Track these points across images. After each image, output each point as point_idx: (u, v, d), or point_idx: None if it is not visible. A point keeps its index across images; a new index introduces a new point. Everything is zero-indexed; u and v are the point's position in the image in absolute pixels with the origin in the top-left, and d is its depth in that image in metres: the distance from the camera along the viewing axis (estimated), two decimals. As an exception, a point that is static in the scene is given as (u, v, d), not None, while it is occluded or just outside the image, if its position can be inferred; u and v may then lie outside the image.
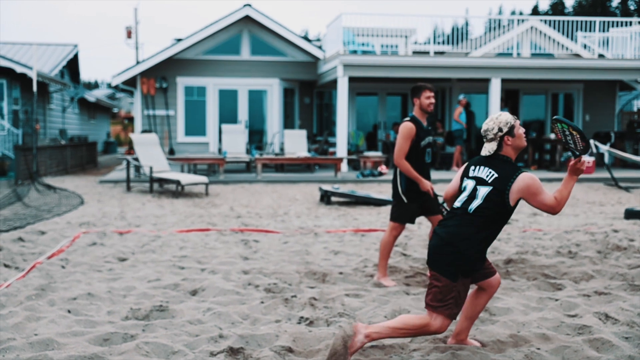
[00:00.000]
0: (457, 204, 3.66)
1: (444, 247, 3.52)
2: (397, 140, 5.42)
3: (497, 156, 3.62)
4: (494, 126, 3.59)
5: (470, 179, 3.67)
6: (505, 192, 3.48)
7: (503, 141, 3.59)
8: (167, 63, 17.89)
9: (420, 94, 5.45)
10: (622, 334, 4.08)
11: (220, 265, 5.98)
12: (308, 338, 3.96)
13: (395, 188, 5.60)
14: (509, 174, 3.51)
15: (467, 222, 3.53)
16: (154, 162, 11.86)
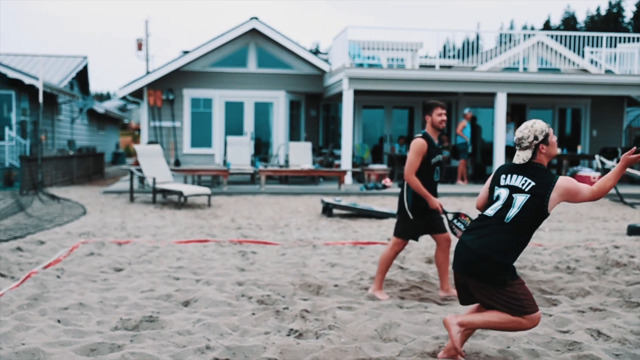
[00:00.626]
0: (489, 213, 3.62)
1: (481, 264, 3.51)
2: (409, 155, 5.43)
3: (530, 164, 3.61)
4: (529, 134, 3.58)
5: (503, 187, 3.64)
6: (545, 200, 3.48)
7: (538, 149, 3.59)
8: (174, 75, 18.01)
9: (432, 111, 5.47)
10: (612, 351, 4.04)
11: (215, 277, 5.98)
12: (295, 350, 3.94)
13: (401, 203, 5.59)
14: (547, 181, 3.52)
15: (501, 231, 3.52)
16: (157, 173, 11.91)
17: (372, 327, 4.45)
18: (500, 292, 3.51)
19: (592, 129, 20.17)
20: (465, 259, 3.55)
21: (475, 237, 3.56)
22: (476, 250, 3.50)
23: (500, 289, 3.50)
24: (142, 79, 17.77)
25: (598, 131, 20.13)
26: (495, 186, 3.69)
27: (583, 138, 20.15)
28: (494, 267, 3.49)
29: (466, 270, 3.56)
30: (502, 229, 3.51)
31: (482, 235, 3.54)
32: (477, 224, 3.65)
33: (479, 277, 3.52)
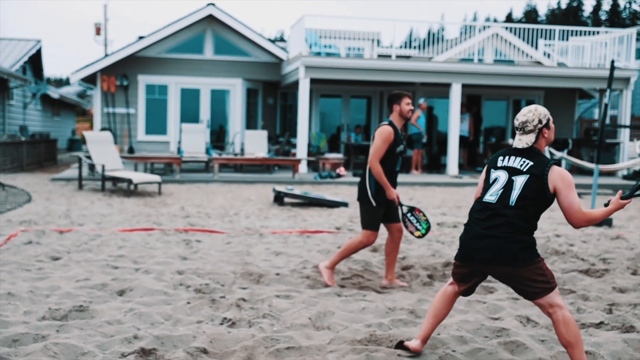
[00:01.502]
0: (491, 198, 3.53)
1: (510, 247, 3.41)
2: (375, 142, 5.36)
3: (530, 148, 3.54)
4: (534, 117, 3.50)
5: (501, 169, 3.56)
6: (545, 178, 3.40)
7: (541, 133, 3.53)
8: (128, 60, 17.69)
9: (401, 100, 5.45)
10: (538, 337, 4.13)
11: (155, 265, 5.91)
12: (226, 339, 3.92)
13: (363, 191, 5.51)
14: (544, 162, 3.45)
15: (513, 216, 3.42)
16: (107, 161, 11.71)
17: (307, 316, 4.46)
18: (530, 270, 3.43)
19: (545, 121, 20.52)
20: (491, 248, 3.43)
21: (491, 225, 3.46)
22: (502, 236, 3.41)
23: (531, 267, 3.42)
24: (95, 63, 17.41)
25: (551, 122, 20.48)
26: (492, 169, 3.61)
27: (536, 129, 20.48)
28: (522, 247, 3.42)
29: (495, 258, 3.44)
30: (513, 213, 3.42)
31: (498, 225, 3.44)
32: (483, 214, 3.52)
33: (510, 261, 3.41)
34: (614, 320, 4.50)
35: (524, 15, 65.85)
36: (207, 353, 3.71)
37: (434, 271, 6.19)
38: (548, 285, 3.46)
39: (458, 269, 3.68)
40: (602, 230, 8.83)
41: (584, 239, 8.01)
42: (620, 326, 4.37)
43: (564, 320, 3.43)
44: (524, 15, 65.73)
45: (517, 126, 3.54)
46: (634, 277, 6.00)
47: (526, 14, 66.06)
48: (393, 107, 5.48)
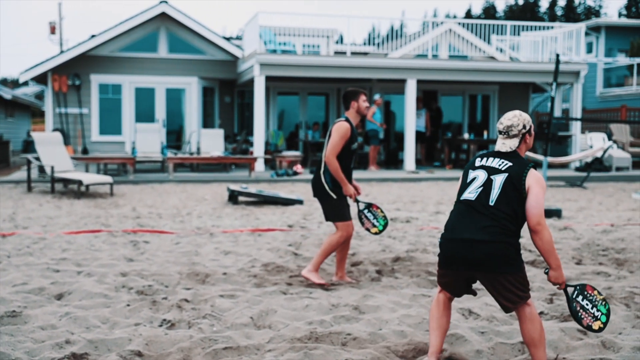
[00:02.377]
0: (470, 196, 3.41)
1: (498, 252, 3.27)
2: (332, 138, 5.31)
3: (511, 152, 3.46)
4: (519, 122, 3.44)
5: (479, 169, 3.47)
6: (522, 180, 3.32)
7: (524, 138, 3.47)
8: (80, 59, 17.33)
9: (359, 97, 5.43)
10: (478, 329, 4.15)
11: (99, 268, 5.78)
12: (163, 341, 3.85)
13: (320, 187, 5.45)
14: (524, 163, 3.39)
15: (504, 219, 3.29)
16: (56, 162, 11.44)
17: (249, 315, 4.40)
18: (514, 276, 3.32)
19: (499, 114, 20.80)
20: (478, 252, 3.29)
21: (476, 229, 3.32)
22: (490, 240, 3.27)
23: (515, 273, 3.31)
24: (46, 63, 17.02)
25: (506, 117, 20.77)
26: (469, 170, 3.52)
27: (492, 123, 20.77)
28: (513, 251, 3.31)
29: (480, 264, 3.31)
30: (500, 214, 3.30)
31: (483, 226, 3.30)
32: (466, 214, 3.39)
33: (498, 267, 3.29)
34: (553, 310, 4.56)
35: (482, 11, 66.75)
36: (141, 356, 3.63)
37: (382, 267, 6.19)
38: (528, 294, 3.39)
39: (444, 278, 3.52)
40: (552, 221, 8.97)
41: (532, 231, 8.12)
42: (559, 315, 4.43)
43: (531, 316, 3.38)
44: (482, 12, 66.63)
45: (501, 130, 3.48)
46: (578, 266, 6.11)
47: (485, 11, 66.96)
48: (350, 103, 5.46)
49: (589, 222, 8.92)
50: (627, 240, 7.39)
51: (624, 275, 5.72)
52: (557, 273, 3.36)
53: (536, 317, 3.41)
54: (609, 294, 4.93)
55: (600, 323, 3.39)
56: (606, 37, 25.84)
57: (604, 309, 3.41)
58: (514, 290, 3.34)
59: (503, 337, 4.04)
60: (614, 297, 4.86)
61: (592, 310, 3.39)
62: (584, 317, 3.37)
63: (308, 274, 5.42)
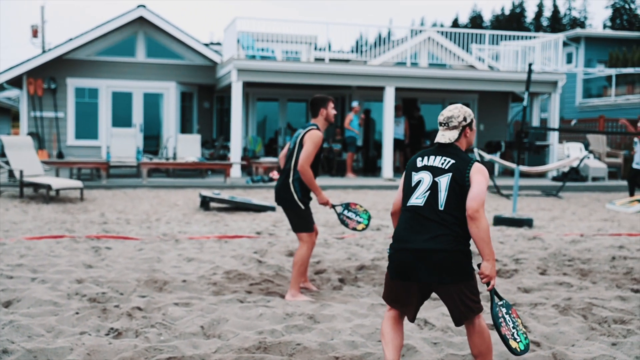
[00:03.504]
0: (417, 202, 3.26)
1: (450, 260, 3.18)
2: (306, 147, 5.20)
3: (450, 145, 3.36)
4: (459, 114, 3.35)
5: (423, 170, 3.32)
6: (466, 177, 3.22)
7: (464, 132, 3.37)
8: (56, 63, 17.14)
9: (327, 104, 5.37)
10: (431, 340, 4.09)
11: (55, 274, 5.65)
12: (105, 351, 3.74)
13: (288, 198, 5.33)
14: (466, 159, 3.29)
15: (454, 225, 3.19)
16: (26, 166, 11.26)
17: (199, 324, 4.31)
18: (468, 285, 3.23)
19: (479, 123, 20.87)
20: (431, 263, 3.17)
21: (428, 238, 3.18)
22: (442, 249, 3.16)
23: (468, 282, 3.23)
24: (21, 65, 16.81)
25: (485, 125, 20.86)
26: (412, 172, 3.37)
27: (471, 132, 20.79)
28: (466, 259, 3.22)
29: (432, 275, 3.18)
30: (449, 219, 3.19)
31: (436, 235, 3.18)
32: (415, 223, 3.24)
33: (451, 276, 3.18)
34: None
35: (469, 20, 67.17)
36: (81, 366, 3.53)
37: (346, 275, 6.12)
38: (480, 305, 3.32)
39: (392, 293, 3.36)
40: (522, 231, 8.96)
41: (501, 240, 8.10)
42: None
43: (480, 329, 3.31)
44: (469, 21, 67.06)
45: (441, 121, 3.38)
46: (541, 276, 6.08)
47: (472, 20, 67.40)
48: (319, 111, 5.38)
49: (559, 232, 8.92)
50: (594, 251, 7.38)
51: (587, 286, 5.70)
52: (489, 264, 3.22)
53: (485, 330, 3.35)
54: (567, 305, 4.89)
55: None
56: (586, 47, 26.05)
57: (523, 338, 3.29)
58: (467, 301, 3.25)
59: (455, 348, 3.98)
60: (572, 308, 4.82)
61: (513, 331, 3.27)
62: (503, 326, 3.25)
63: (293, 299, 5.21)
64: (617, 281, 5.87)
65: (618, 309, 4.84)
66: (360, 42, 40.69)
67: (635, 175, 12.68)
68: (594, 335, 4.19)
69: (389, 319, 3.40)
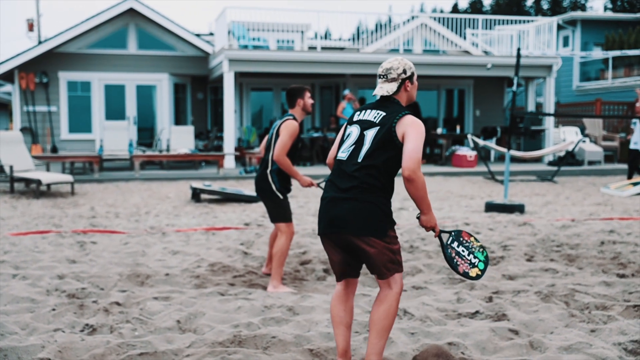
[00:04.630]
0: (341, 155, 3.23)
1: (362, 213, 3.08)
2: (282, 137, 5.18)
3: (389, 98, 3.26)
4: (399, 66, 3.24)
5: (355, 124, 3.27)
6: (393, 126, 3.11)
7: (404, 85, 3.26)
8: (47, 56, 17.04)
9: (304, 94, 5.32)
10: (409, 330, 4.05)
11: (36, 270, 5.61)
12: (78, 348, 3.70)
13: (266, 186, 5.34)
14: (397, 110, 3.18)
15: (367, 176, 3.10)
16: (16, 161, 11.21)
17: (176, 318, 4.27)
18: (383, 242, 3.12)
19: (475, 109, 20.78)
20: (344, 214, 3.11)
21: (345, 187, 3.13)
22: (353, 201, 3.09)
23: (383, 239, 3.12)
24: (12, 60, 16.72)
25: (481, 111, 20.77)
26: (348, 125, 3.33)
27: (467, 118, 20.73)
28: (377, 212, 3.11)
29: (347, 226, 3.11)
30: (364, 172, 3.11)
31: (350, 187, 3.11)
32: (336, 174, 3.22)
33: (363, 229, 3.09)
34: (489, 310, 4.46)
35: (469, 5, 66.70)
36: (51, 364, 3.49)
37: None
38: (396, 267, 3.18)
39: (328, 254, 3.33)
40: (513, 217, 8.91)
41: (491, 227, 8.05)
42: (494, 315, 4.34)
43: (387, 298, 3.17)
44: (469, 6, 66.58)
45: (380, 73, 3.29)
46: (527, 263, 6.03)
47: (471, 5, 66.94)
48: (296, 101, 5.35)
49: (551, 218, 8.87)
50: (583, 236, 7.33)
51: (572, 272, 5.65)
52: (428, 217, 3.20)
53: (393, 302, 3.18)
54: (550, 292, 4.85)
55: (477, 270, 3.27)
56: (582, 30, 25.87)
57: (481, 255, 3.28)
58: (378, 259, 3.13)
59: (433, 337, 3.94)
60: (555, 294, 4.78)
61: (469, 257, 3.25)
62: (460, 264, 3.22)
63: (274, 290, 5.19)
64: (603, 266, 5.83)
65: (601, 295, 4.80)
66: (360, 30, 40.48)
67: (635, 158, 12.58)
68: (574, 322, 4.14)
69: (337, 297, 3.39)
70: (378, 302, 3.21)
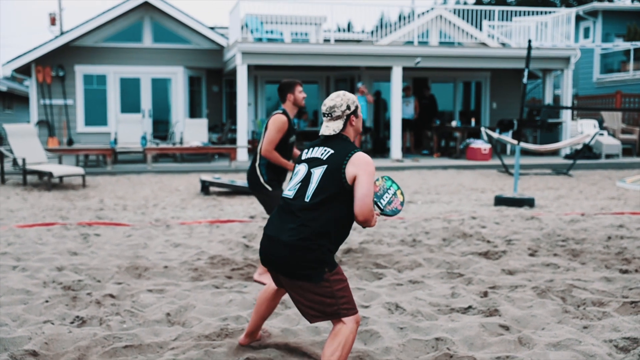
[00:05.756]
0: (288, 193, 3.20)
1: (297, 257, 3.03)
2: (269, 131, 5.18)
3: (338, 136, 3.24)
4: (342, 103, 3.23)
5: (303, 162, 3.24)
6: (342, 167, 3.07)
7: (349, 120, 3.25)
8: (64, 50, 17.20)
9: (294, 88, 5.28)
10: (398, 324, 4.01)
11: (37, 262, 5.66)
12: (64, 340, 3.73)
13: (255, 181, 5.35)
14: (347, 149, 3.14)
15: (310, 219, 3.05)
16: (28, 154, 11.34)
17: (166, 311, 4.28)
18: (317, 287, 3.04)
19: (492, 102, 20.55)
20: (279, 254, 3.08)
21: (284, 228, 3.09)
22: (290, 242, 3.04)
23: (320, 283, 3.04)
24: (28, 54, 16.90)
25: (498, 104, 20.53)
26: (297, 163, 3.31)
27: (484, 111, 20.52)
28: (313, 258, 3.03)
29: (281, 267, 3.10)
30: (308, 213, 3.06)
31: (291, 228, 3.06)
32: (281, 212, 3.18)
33: (295, 273, 3.05)
34: (483, 305, 4.40)
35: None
36: (36, 355, 3.51)
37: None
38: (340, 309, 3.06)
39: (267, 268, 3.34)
40: (522, 211, 8.79)
41: (497, 221, 7.95)
42: (486, 310, 4.28)
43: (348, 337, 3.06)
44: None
45: (324, 112, 3.26)
46: (530, 258, 5.94)
47: (496, -5, 66.05)
48: (287, 96, 5.31)
49: (560, 212, 8.73)
50: (590, 231, 7.21)
51: (574, 267, 5.55)
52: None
53: (346, 336, 3.05)
54: (548, 287, 4.77)
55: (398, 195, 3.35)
56: (603, 21, 25.43)
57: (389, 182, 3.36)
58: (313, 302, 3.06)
59: (421, 333, 3.89)
60: (552, 290, 4.70)
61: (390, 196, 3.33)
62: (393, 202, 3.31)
63: (259, 277, 5.21)
64: (606, 262, 5.72)
65: (599, 291, 4.71)
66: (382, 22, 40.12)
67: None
68: (567, 319, 4.07)
69: (267, 293, 3.54)
70: (332, 335, 3.09)
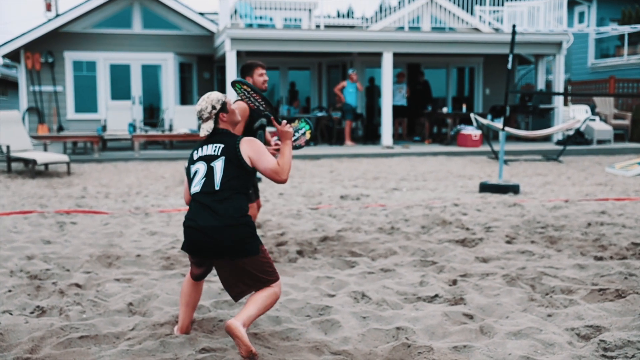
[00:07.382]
0: (195, 189, 3.46)
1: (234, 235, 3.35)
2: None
3: (216, 132, 3.57)
4: (207, 105, 3.54)
5: (198, 161, 3.52)
6: (238, 154, 3.45)
7: (219, 118, 3.57)
8: (53, 36, 17.05)
9: (253, 71, 5.17)
10: (361, 314, 3.96)
11: (7, 251, 5.61)
12: (20, 330, 3.68)
13: None
14: (232, 140, 3.52)
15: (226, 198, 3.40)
16: (14, 141, 11.26)
17: (129, 300, 4.23)
18: (253, 261, 3.40)
19: (485, 88, 20.43)
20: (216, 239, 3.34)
21: (212, 217, 3.35)
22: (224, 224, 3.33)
23: (257, 256, 3.42)
24: (17, 39, 16.74)
25: (491, 89, 20.41)
26: (191, 165, 3.56)
27: (477, 97, 20.40)
28: (247, 233, 3.40)
29: (220, 252, 3.37)
30: (223, 197, 3.39)
31: (218, 214, 3.36)
32: (200, 206, 3.42)
33: (238, 251, 3.36)
34: (450, 293, 4.35)
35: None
36: (-11, 346, 3.46)
37: (307, 246, 5.99)
38: (274, 277, 3.48)
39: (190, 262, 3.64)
40: (506, 197, 8.74)
41: (479, 208, 7.90)
42: (452, 299, 4.23)
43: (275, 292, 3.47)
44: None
45: (197, 116, 3.60)
46: (506, 245, 5.89)
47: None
48: (246, 79, 5.22)
49: (544, 198, 8.68)
50: (571, 217, 7.15)
51: (549, 254, 5.50)
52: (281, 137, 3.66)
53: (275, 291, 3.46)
54: (518, 275, 4.72)
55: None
56: (598, 6, 25.21)
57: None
58: (257, 274, 3.42)
59: (383, 322, 3.85)
60: (521, 278, 4.65)
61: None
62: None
63: None
64: (582, 248, 5.67)
65: (570, 278, 4.66)
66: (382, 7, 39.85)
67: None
68: (532, 307, 4.02)
69: (191, 281, 3.68)
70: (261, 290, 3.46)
